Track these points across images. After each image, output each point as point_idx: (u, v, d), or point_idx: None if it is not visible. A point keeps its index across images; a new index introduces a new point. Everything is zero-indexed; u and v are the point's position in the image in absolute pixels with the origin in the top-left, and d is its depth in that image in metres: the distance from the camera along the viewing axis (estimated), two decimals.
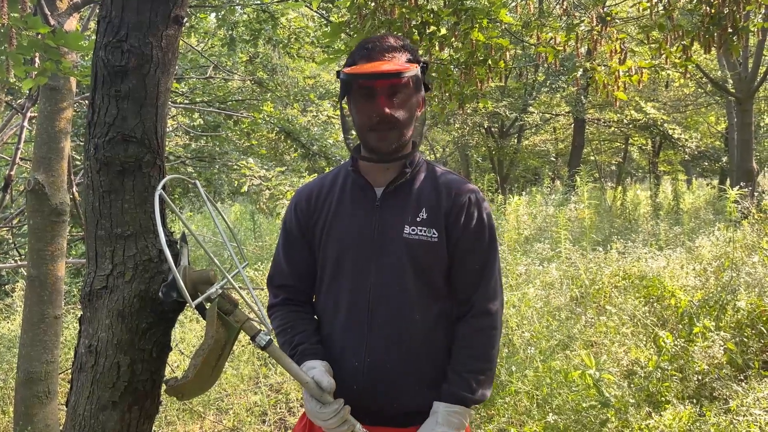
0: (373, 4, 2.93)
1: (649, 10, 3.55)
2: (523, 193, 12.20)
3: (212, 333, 1.42)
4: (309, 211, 1.71)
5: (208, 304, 1.48)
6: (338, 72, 1.62)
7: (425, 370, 1.61)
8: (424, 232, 1.60)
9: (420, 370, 1.61)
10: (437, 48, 3.28)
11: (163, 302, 1.47)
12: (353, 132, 1.70)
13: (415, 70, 1.56)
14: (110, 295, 1.46)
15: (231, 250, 1.56)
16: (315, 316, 1.76)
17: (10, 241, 5.91)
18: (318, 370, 1.53)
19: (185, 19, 1.53)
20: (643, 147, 19.69)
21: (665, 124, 13.72)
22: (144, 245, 1.48)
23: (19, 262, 4.55)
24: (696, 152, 15.13)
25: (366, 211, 1.64)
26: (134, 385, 1.47)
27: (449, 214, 1.62)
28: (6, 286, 5.95)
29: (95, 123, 1.46)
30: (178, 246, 1.56)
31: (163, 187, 1.48)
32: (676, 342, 3.68)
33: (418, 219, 1.61)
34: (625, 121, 13.71)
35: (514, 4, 4.40)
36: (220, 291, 1.47)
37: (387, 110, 1.55)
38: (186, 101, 7.60)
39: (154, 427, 3.81)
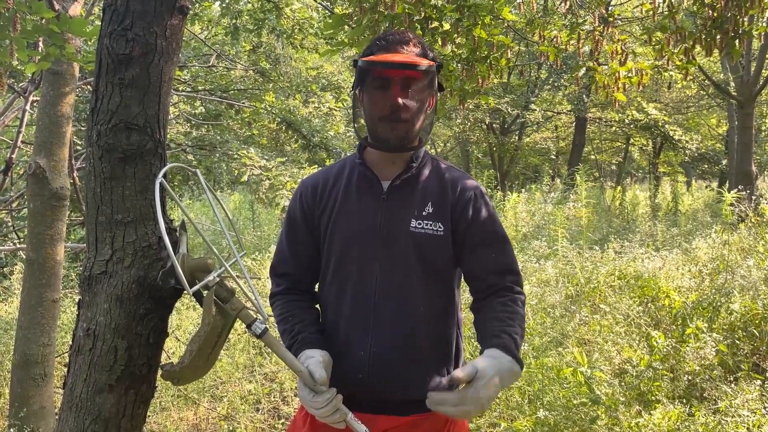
0: None
1: (652, 11, 3.57)
2: (523, 190, 12.23)
3: (208, 320, 1.44)
4: (314, 202, 1.73)
5: (206, 291, 1.50)
6: (355, 61, 1.65)
7: (430, 361, 1.65)
8: (431, 225, 1.63)
9: (424, 361, 1.64)
10: (439, 44, 3.30)
11: (161, 288, 1.49)
12: (361, 120, 1.72)
13: (432, 66, 1.59)
14: (109, 280, 1.48)
15: (229, 239, 1.58)
16: (316, 306, 1.79)
17: (9, 224, 5.92)
18: (314, 360, 1.55)
19: (189, 9, 1.55)
20: (644, 147, 19.70)
21: (666, 125, 13.72)
22: (144, 232, 1.50)
23: (18, 245, 4.57)
24: (696, 154, 15.14)
25: (372, 204, 1.66)
26: (131, 369, 1.49)
27: (455, 208, 1.66)
28: (4, 269, 5.97)
29: (98, 110, 1.48)
30: (177, 234, 1.58)
31: (164, 176, 1.50)
32: (668, 342, 3.72)
33: (424, 213, 1.64)
34: (626, 121, 13.70)
35: (518, 1, 4.40)
36: (218, 279, 1.49)
37: (400, 100, 1.57)
38: (188, 89, 7.60)
39: (148, 412, 3.84)
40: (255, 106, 7.23)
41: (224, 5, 7.25)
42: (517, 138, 17.63)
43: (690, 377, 3.54)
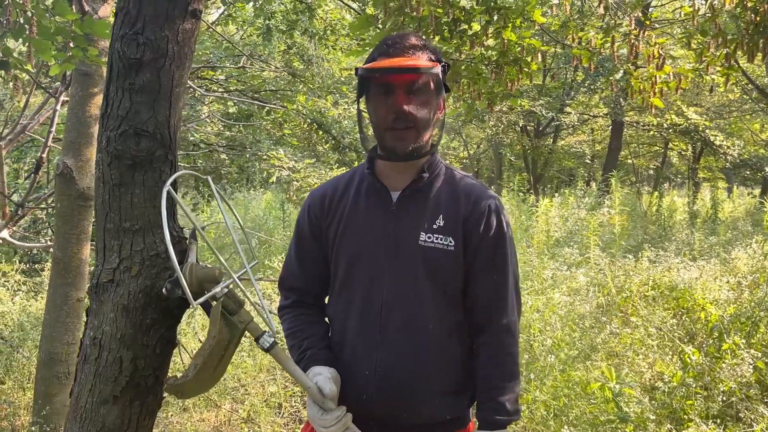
0: None
1: (691, 14, 3.43)
2: (556, 194, 12.02)
3: (214, 333, 1.41)
4: (322, 213, 1.67)
5: (214, 302, 1.46)
6: (356, 69, 1.58)
7: (437, 381, 1.58)
8: (441, 240, 1.55)
9: (432, 380, 1.57)
10: (468, 46, 3.22)
11: (167, 299, 1.46)
12: (370, 131, 1.66)
13: (435, 68, 1.51)
14: (116, 288, 1.45)
15: (240, 248, 1.54)
16: (326, 319, 1.73)
17: (44, 220, 6.03)
18: (323, 376, 1.51)
19: (202, 12, 1.51)
20: (683, 152, 19.20)
21: (707, 130, 13.33)
22: (152, 240, 1.47)
23: (49, 242, 4.64)
24: (738, 160, 14.68)
25: (381, 216, 1.59)
26: (136, 380, 1.46)
27: (468, 221, 1.57)
28: (36, 265, 6.09)
29: (108, 115, 1.46)
30: (188, 242, 1.55)
31: (174, 184, 1.46)
32: (703, 358, 3.57)
33: (434, 226, 1.56)
34: (665, 125, 13.36)
35: (554, 2, 4.29)
36: (226, 290, 1.45)
37: (405, 107, 1.50)
38: (221, 89, 7.65)
39: (169, 414, 3.84)
40: (286, 106, 7.23)
41: (257, 6, 7.27)
42: (551, 141, 17.37)
43: (725, 396, 3.39)
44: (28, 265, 5.98)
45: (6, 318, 4.77)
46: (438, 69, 1.52)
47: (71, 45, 2.29)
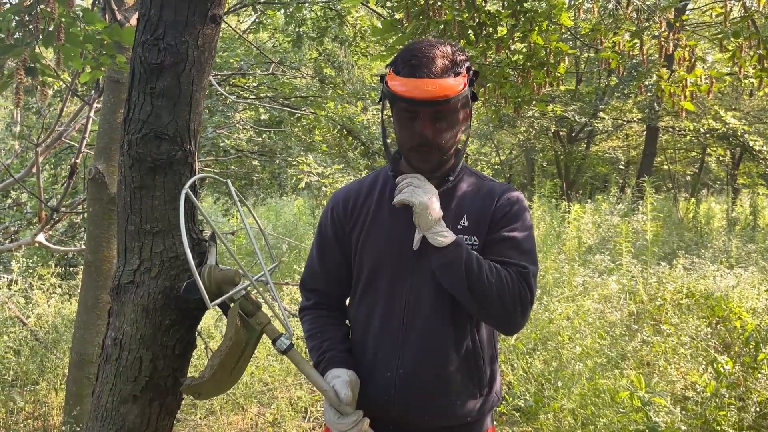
0: (422, 1, 2.87)
1: (723, 16, 3.34)
2: (589, 200, 11.84)
3: (231, 335, 1.42)
4: (346, 216, 1.68)
5: (232, 304, 1.47)
6: (381, 77, 1.58)
7: (458, 385, 1.56)
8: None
9: (453, 384, 1.56)
10: (494, 50, 3.20)
11: (186, 300, 1.47)
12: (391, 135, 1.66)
13: (464, 90, 1.48)
14: (136, 290, 1.47)
15: (258, 251, 1.55)
16: (346, 321, 1.73)
17: (80, 225, 6.17)
18: (341, 379, 1.51)
19: (222, 18, 1.53)
20: (722, 158, 18.72)
21: (746, 135, 12.97)
22: (171, 242, 1.49)
23: (83, 246, 4.74)
24: None
25: (405, 219, 1.59)
26: (155, 381, 1.48)
27: (494, 215, 1.58)
28: (72, 269, 6.23)
29: (130, 119, 1.48)
30: (207, 244, 1.56)
31: (194, 187, 1.48)
32: (737, 368, 3.47)
33: (459, 227, 1.56)
34: (701, 130, 13.05)
35: (586, 6, 4.23)
36: (243, 292, 1.46)
37: (430, 135, 1.50)
38: (252, 96, 7.74)
39: (197, 417, 3.87)
40: (316, 113, 7.28)
41: (288, 13, 7.35)
42: (584, 146, 17.12)
43: (760, 407, 3.29)
44: (64, 269, 6.12)
45: (41, 320, 4.89)
46: (467, 91, 1.49)
47: (101, 52, 2.34)
